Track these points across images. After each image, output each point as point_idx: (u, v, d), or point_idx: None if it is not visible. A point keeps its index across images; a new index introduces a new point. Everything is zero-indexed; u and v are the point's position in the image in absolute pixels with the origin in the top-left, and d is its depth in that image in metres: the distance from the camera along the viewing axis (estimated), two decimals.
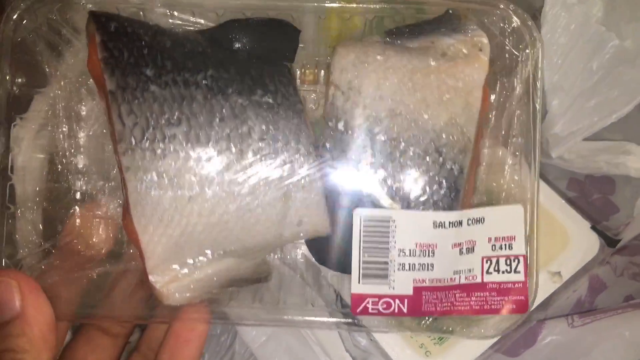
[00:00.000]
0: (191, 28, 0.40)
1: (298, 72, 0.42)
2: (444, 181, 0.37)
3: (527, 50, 0.39)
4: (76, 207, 0.42)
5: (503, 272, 0.37)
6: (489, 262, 0.37)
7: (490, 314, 0.38)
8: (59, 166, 0.43)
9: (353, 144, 0.37)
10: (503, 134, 0.40)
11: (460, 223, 0.37)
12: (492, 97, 0.39)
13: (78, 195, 0.43)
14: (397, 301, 0.37)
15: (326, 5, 0.39)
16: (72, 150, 0.43)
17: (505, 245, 0.37)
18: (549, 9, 0.45)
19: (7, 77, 0.40)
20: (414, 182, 0.37)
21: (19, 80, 0.40)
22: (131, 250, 0.42)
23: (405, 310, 0.37)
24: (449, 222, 0.37)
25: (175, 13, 0.39)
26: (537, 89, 0.39)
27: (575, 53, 0.45)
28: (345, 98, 0.37)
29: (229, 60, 0.38)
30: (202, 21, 0.40)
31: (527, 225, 0.37)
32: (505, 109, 0.40)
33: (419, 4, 0.39)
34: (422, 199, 0.37)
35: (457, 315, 0.38)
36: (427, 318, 0.39)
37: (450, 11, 0.39)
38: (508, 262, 0.37)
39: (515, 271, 0.37)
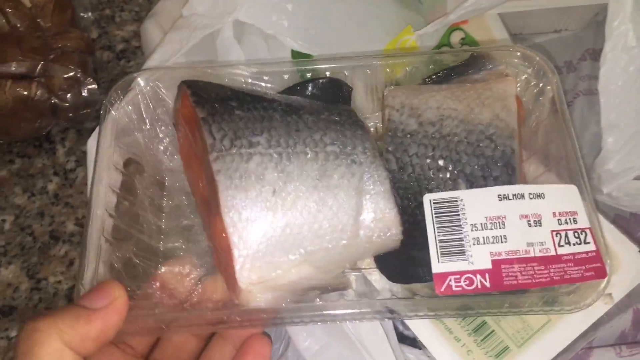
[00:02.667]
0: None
1: None
2: (499, 160, 0.41)
3: (548, 79, 0.45)
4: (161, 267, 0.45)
5: (574, 244, 0.39)
6: (558, 235, 0.39)
7: (572, 282, 0.38)
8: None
9: (413, 143, 0.42)
10: (543, 158, 0.45)
11: (523, 196, 0.40)
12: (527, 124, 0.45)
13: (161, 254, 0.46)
14: (478, 276, 0.38)
15: (373, 62, 0.47)
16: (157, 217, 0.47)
17: (570, 219, 0.40)
18: (609, 49, 0.48)
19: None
20: (473, 164, 0.41)
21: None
22: None
23: (488, 284, 0.38)
24: (512, 194, 0.40)
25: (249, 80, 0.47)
26: (563, 104, 0.44)
27: (633, 93, 0.49)
28: (400, 113, 0.43)
29: (298, 100, 0.45)
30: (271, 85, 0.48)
31: (585, 202, 0.40)
32: (538, 130, 0.46)
33: (451, 52, 0.47)
34: (483, 176, 0.40)
35: (539, 287, 0.38)
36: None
37: (475, 54, 0.47)
38: (576, 234, 0.39)
39: (585, 242, 0.39)
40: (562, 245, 0.39)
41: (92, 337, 0.35)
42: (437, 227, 0.39)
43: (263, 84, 0.47)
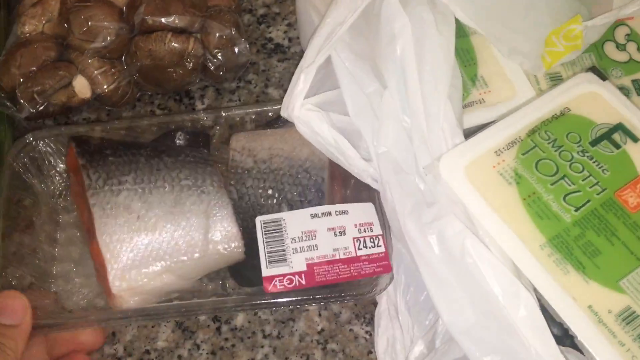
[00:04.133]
0: None
1: None
2: (312, 187, 0.54)
3: None
4: None
5: (369, 247, 0.52)
6: (358, 241, 0.52)
7: (366, 277, 0.51)
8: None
9: (249, 177, 0.54)
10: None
11: (330, 213, 0.53)
12: None
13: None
14: (296, 277, 0.50)
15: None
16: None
17: (367, 228, 0.53)
18: None
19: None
20: (294, 192, 0.53)
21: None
22: None
23: (304, 282, 0.50)
24: (321, 213, 0.52)
25: None
26: None
27: None
28: (240, 154, 0.55)
29: (162, 145, 0.57)
30: None
31: (378, 215, 0.53)
32: None
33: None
34: (300, 200, 0.53)
35: (342, 281, 0.51)
36: None
37: None
38: (371, 240, 0.52)
39: (377, 246, 0.52)
40: (361, 249, 0.52)
41: None
42: (266, 241, 0.51)
43: None
